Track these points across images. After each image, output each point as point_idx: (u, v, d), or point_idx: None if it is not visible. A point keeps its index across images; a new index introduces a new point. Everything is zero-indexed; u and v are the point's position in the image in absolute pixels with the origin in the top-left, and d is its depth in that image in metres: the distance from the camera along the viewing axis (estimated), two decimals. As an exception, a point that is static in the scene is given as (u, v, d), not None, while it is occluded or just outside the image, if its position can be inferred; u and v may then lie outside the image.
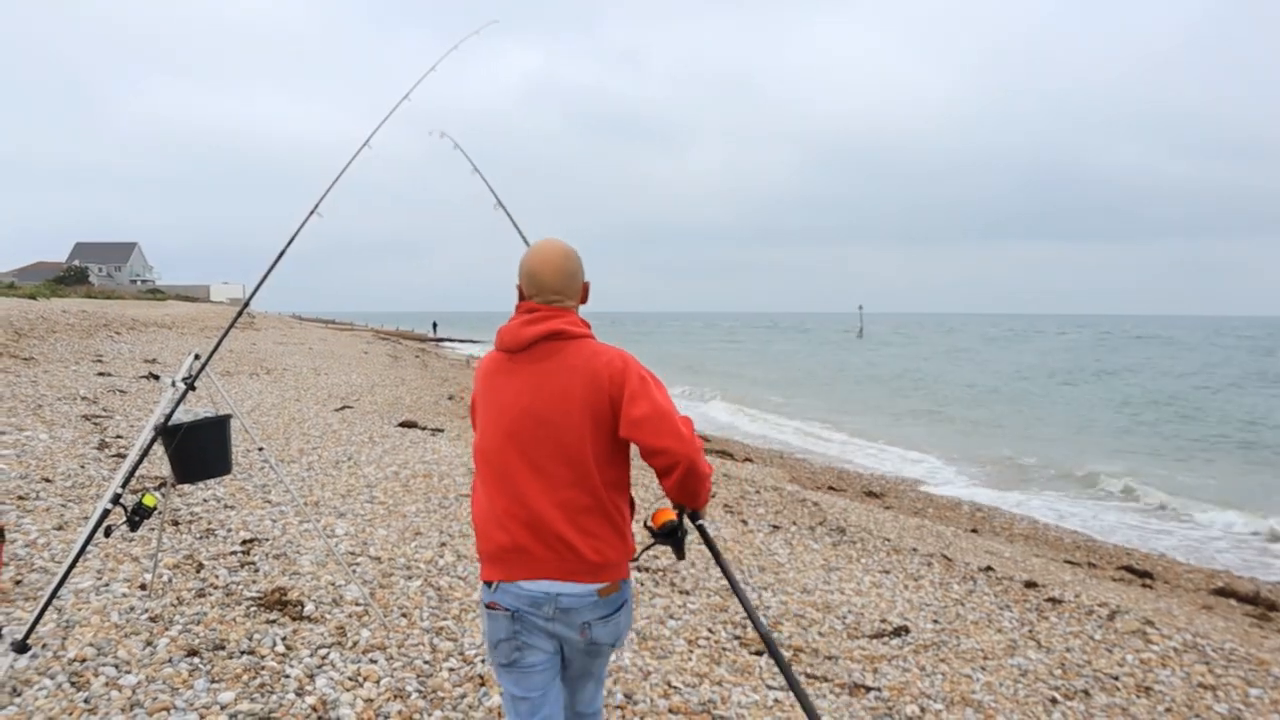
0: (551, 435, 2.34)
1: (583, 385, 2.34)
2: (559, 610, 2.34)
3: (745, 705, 4.07)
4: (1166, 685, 5.03)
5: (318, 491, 7.31)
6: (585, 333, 2.45)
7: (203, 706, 3.36)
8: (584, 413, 2.33)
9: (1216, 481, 16.36)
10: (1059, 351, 67.62)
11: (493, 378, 2.47)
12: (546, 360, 2.38)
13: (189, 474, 4.11)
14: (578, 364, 2.36)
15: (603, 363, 2.35)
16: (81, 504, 5.94)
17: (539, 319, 2.41)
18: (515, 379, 2.41)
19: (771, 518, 9.06)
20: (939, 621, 5.86)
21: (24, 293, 33.15)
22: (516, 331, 2.42)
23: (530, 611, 2.34)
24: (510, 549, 2.35)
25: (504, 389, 2.43)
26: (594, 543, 2.34)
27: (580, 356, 2.37)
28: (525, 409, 2.37)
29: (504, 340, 2.45)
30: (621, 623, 2.44)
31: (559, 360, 2.38)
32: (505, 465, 2.39)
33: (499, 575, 2.37)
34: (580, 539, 2.33)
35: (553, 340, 2.39)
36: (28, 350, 15.08)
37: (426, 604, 4.78)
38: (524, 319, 2.43)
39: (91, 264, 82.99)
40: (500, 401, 2.43)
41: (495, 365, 2.48)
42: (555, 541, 2.32)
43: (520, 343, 2.41)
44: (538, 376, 2.38)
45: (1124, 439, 22.07)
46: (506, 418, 2.40)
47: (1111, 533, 12.34)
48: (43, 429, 8.34)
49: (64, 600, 4.18)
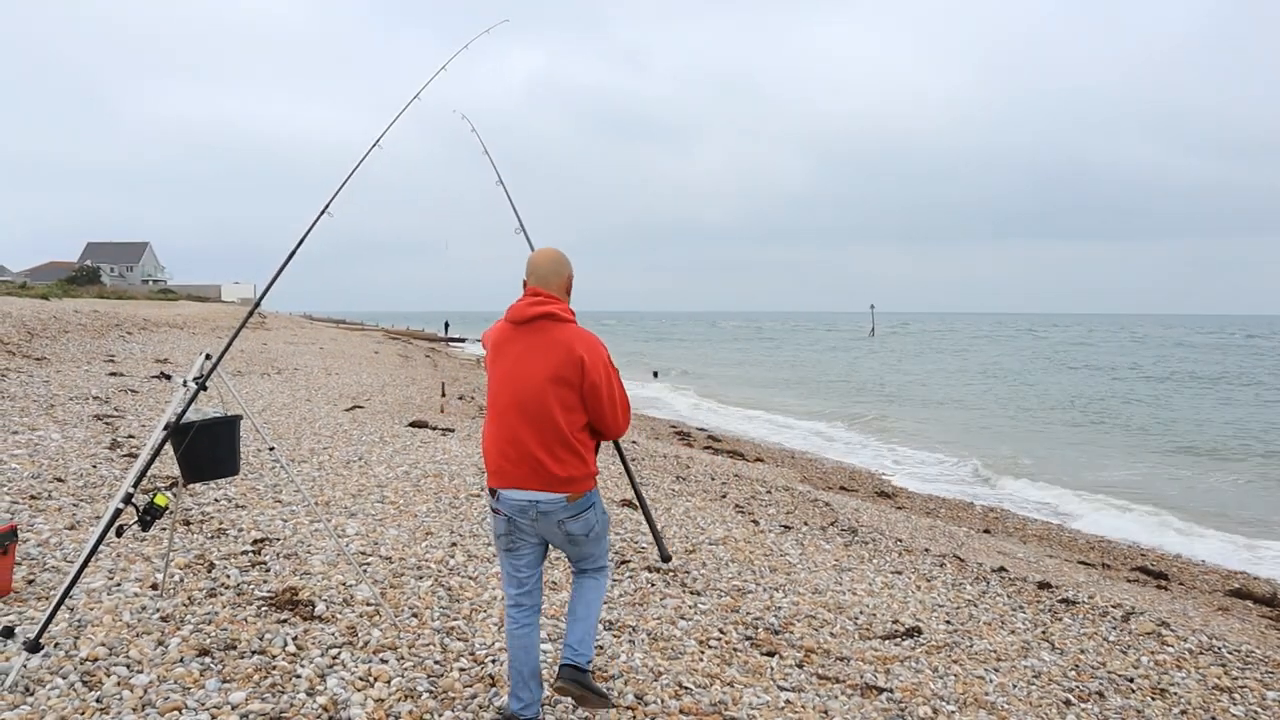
0: (537, 391, 3.22)
1: (564, 356, 3.23)
2: (539, 513, 3.26)
3: (756, 706, 4.04)
4: (1182, 687, 4.99)
5: (328, 491, 7.32)
6: (570, 318, 3.34)
7: (214, 706, 3.36)
8: (561, 375, 3.22)
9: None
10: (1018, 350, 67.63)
11: (500, 343, 3.35)
12: (541, 334, 3.27)
13: (199, 474, 4.11)
14: (562, 340, 3.26)
15: (580, 343, 3.26)
16: (93, 503, 5.96)
17: (540, 302, 3.29)
18: (517, 345, 3.29)
19: (783, 518, 9.03)
20: (952, 622, 5.82)
21: (36, 293, 33.38)
22: (523, 309, 3.29)
23: (519, 516, 3.28)
24: (505, 467, 3.27)
25: (508, 352, 3.31)
26: (563, 465, 3.23)
27: (565, 335, 3.27)
28: (522, 369, 3.25)
29: (512, 314, 3.32)
30: (589, 518, 3.35)
31: (550, 336, 3.26)
32: (505, 408, 3.29)
33: (496, 484, 3.31)
34: (553, 462, 3.22)
35: (548, 320, 3.28)
36: (40, 350, 15.17)
37: (437, 604, 4.78)
38: (529, 301, 3.31)
39: (103, 264, 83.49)
40: (505, 361, 3.30)
41: (503, 333, 3.35)
42: (535, 464, 3.22)
43: (524, 318, 3.28)
44: (533, 345, 3.27)
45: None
46: (507, 374, 3.29)
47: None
48: (55, 429, 8.38)
49: (76, 600, 4.19)
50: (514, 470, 3.25)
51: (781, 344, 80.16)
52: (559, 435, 3.23)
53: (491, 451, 3.33)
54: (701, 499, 9.40)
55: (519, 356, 3.27)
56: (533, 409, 3.22)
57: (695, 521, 8.02)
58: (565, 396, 3.23)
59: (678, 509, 8.54)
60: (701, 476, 10.95)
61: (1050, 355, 60.20)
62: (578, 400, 3.26)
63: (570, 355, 3.22)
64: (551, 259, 3.41)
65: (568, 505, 3.27)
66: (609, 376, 3.30)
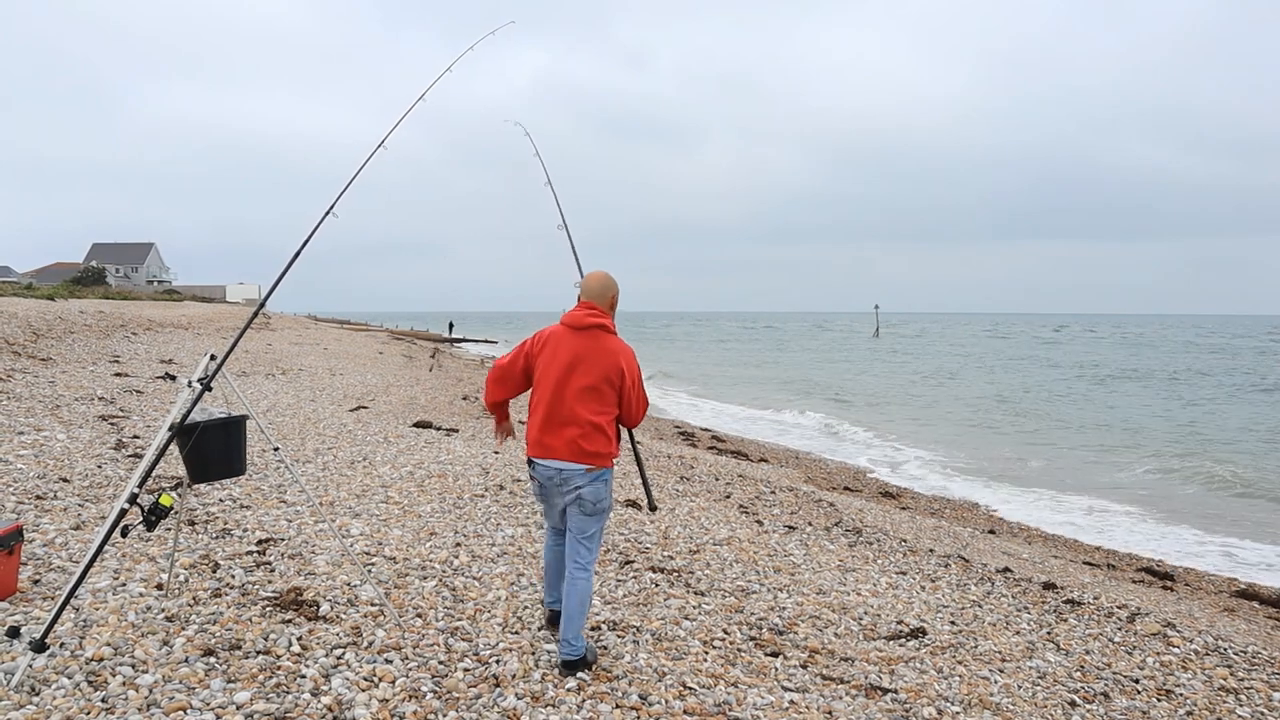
0: (584, 383, 4.02)
1: (610, 363, 4.06)
2: (563, 479, 4.04)
3: (761, 706, 4.04)
4: (1188, 689, 4.97)
5: (333, 492, 7.33)
6: (613, 330, 4.16)
7: (219, 706, 3.36)
8: (604, 375, 4.05)
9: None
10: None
11: (556, 342, 4.10)
12: (593, 341, 4.07)
13: (204, 474, 4.12)
14: (609, 349, 4.08)
15: (622, 355, 4.11)
16: (98, 504, 5.97)
17: (594, 315, 4.11)
18: (571, 346, 4.06)
19: (787, 518, 9.02)
20: (956, 623, 5.81)
21: (42, 293, 33.47)
22: (581, 318, 4.10)
23: (547, 482, 4.10)
24: (545, 441, 4.05)
25: (561, 352, 4.07)
26: (592, 443, 4.01)
27: (612, 345, 4.10)
28: (574, 367, 4.03)
29: (570, 320, 4.11)
30: (600, 490, 4.07)
31: (601, 344, 4.07)
32: (555, 396, 4.03)
33: (535, 455, 4.10)
34: (585, 441, 4.00)
35: (599, 330, 4.10)
36: (45, 351, 15.21)
37: (441, 604, 4.78)
38: (586, 312, 4.11)
39: (108, 264, 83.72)
40: (558, 357, 4.06)
41: (559, 334, 4.12)
42: (571, 441, 4.00)
43: (581, 325, 4.09)
44: (586, 349, 4.06)
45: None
46: (562, 369, 4.04)
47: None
48: (60, 429, 8.40)
49: (81, 600, 4.20)
50: (553, 444, 4.03)
51: (784, 344, 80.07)
52: (594, 422, 4.02)
53: (535, 428, 4.08)
54: (705, 499, 9.40)
55: (572, 356, 4.05)
56: (578, 399, 4.02)
57: (699, 522, 8.02)
58: (605, 393, 4.06)
59: (681, 509, 8.53)
60: (705, 477, 10.94)
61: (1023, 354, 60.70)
62: (614, 397, 4.10)
63: (614, 363, 4.06)
64: (603, 281, 4.23)
65: (586, 474, 4.03)
66: (637, 381, 4.15)
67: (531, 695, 3.81)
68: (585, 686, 3.97)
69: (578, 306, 4.15)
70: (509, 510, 7.30)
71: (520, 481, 8.56)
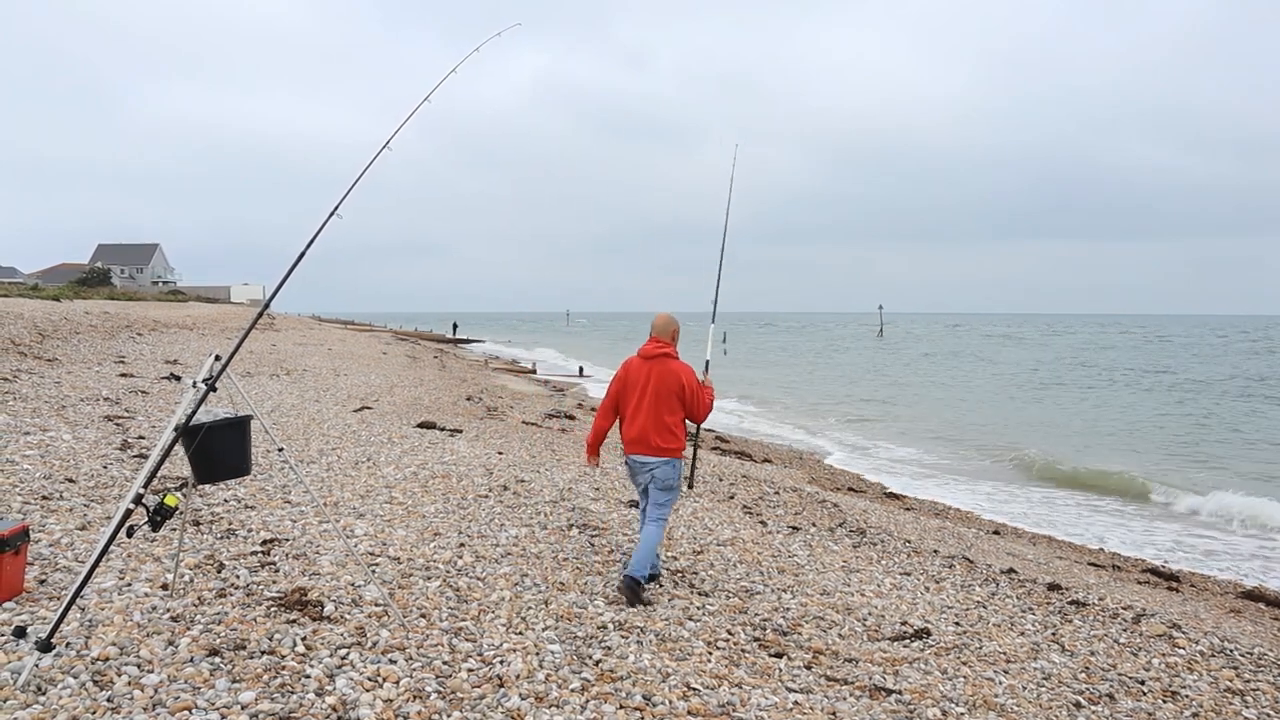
0: (656, 398, 5.52)
1: (675, 380, 5.55)
2: (644, 467, 5.58)
3: (765, 708, 4.04)
4: (1193, 690, 4.96)
5: (337, 492, 7.33)
6: (676, 355, 5.67)
7: (224, 706, 3.37)
8: (671, 391, 5.53)
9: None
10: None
11: (635, 370, 5.65)
12: (661, 366, 5.58)
13: (210, 474, 4.12)
14: (673, 370, 5.58)
15: (683, 373, 5.58)
16: (104, 504, 5.99)
17: (661, 347, 5.64)
18: (645, 371, 5.60)
19: (791, 519, 9.02)
20: (961, 624, 5.80)
21: (47, 294, 33.58)
22: (651, 350, 5.64)
23: (636, 468, 5.65)
24: (633, 441, 5.59)
25: (638, 376, 5.61)
26: (665, 440, 5.52)
27: (675, 367, 5.59)
28: (647, 386, 5.55)
29: (643, 352, 5.67)
30: (670, 473, 5.56)
31: (667, 367, 5.58)
32: (633, 407, 5.58)
33: (630, 452, 5.64)
34: (660, 440, 5.52)
35: (665, 358, 5.61)
36: (51, 351, 15.25)
37: (445, 604, 4.79)
38: (655, 346, 5.65)
39: (114, 265, 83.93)
40: (637, 381, 5.60)
41: (635, 363, 5.69)
42: (651, 440, 5.53)
43: (652, 355, 5.63)
44: (657, 373, 5.57)
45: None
46: (641, 389, 5.57)
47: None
48: (66, 429, 8.42)
49: (87, 599, 4.21)
50: (637, 443, 5.57)
51: (788, 344, 80.00)
52: (666, 423, 5.53)
53: (629, 432, 5.62)
54: (709, 500, 9.39)
55: (647, 379, 5.56)
56: (653, 408, 5.53)
57: (703, 522, 8.02)
58: (673, 403, 5.55)
59: (685, 510, 8.53)
60: (709, 477, 10.94)
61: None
62: (680, 405, 5.57)
63: (677, 379, 5.55)
64: (666, 320, 5.74)
65: (662, 463, 5.55)
66: (697, 390, 5.60)
67: (535, 695, 3.81)
68: (589, 687, 3.98)
69: (648, 341, 5.69)
70: (513, 511, 7.31)
71: (523, 482, 8.57)
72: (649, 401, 5.50)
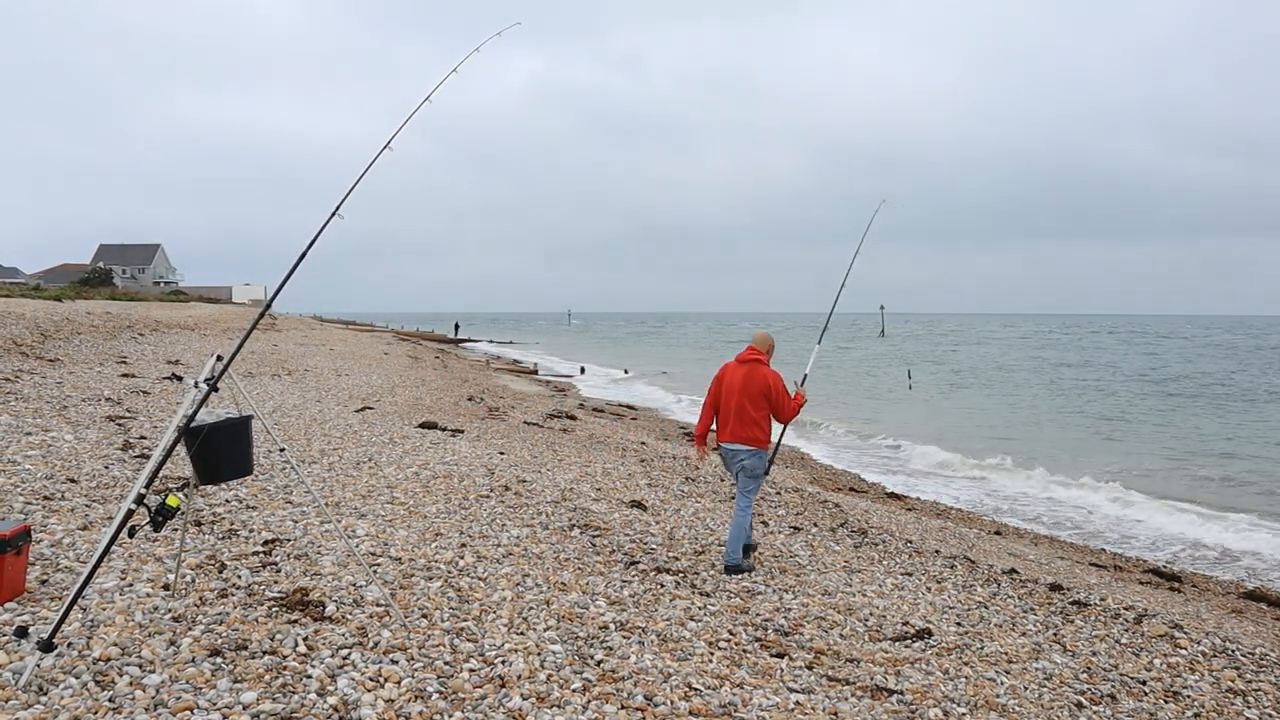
0: (746, 396, 6.43)
1: (763, 383, 6.43)
2: (735, 455, 6.50)
3: (766, 708, 4.04)
4: (1195, 690, 4.96)
5: (338, 492, 7.34)
6: (766, 363, 6.58)
7: (225, 706, 3.37)
8: (758, 391, 6.43)
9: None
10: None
11: (730, 372, 6.59)
12: (753, 370, 6.50)
13: (212, 475, 4.13)
14: (761, 375, 6.47)
15: (770, 378, 6.46)
16: (106, 504, 5.99)
17: (755, 354, 6.59)
18: (739, 374, 6.52)
19: (792, 519, 9.01)
20: (962, 624, 5.80)
21: (49, 295, 33.60)
22: (745, 356, 6.60)
23: (728, 456, 6.57)
24: (726, 430, 6.49)
25: (733, 378, 6.53)
26: (752, 432, 6.44)
27: (764, 373, 6.48)
28: (738, 386, 6.48)
29: (740, 358, 6.62)
30: (756, 462, 6.48)
31: (758, 372, 6.48)
32: (725, 404, 6.52)
33: (721, 440, 6.55)
34: (747, 432, 6.43)
35: (757, 364, 6.53)
36: (53, 352, 15.27)
37: (447, 605, 4.79)
38: (750, 353, 6.61)
39: (115, 266, 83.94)
40: (733, 383, 6.51)
41: (732, 367, 6.62)
42: (742, 430, 6.43)
43: (745, 360, 6.57)
44: (746, 375, 6.49)
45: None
46: (731, 388, 6.50)
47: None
48: (68, 430, 8.43)
49: (89, 600, 4.21)
50: (731, 433, 6.49)
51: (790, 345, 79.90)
52: (754, 418, 6.46)
53: (721, 424, 6.59)
54: (711, 500, 9.39)
55: (740, 380, 6.52)
56: (742, 406, 6.46)
57: (704, 523, 8.02)
58: (759, 402, 6.46)
59: (687, 510, 8.53)
60: (710, 478, 10.93)
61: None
62: (765, 404, 6.47)
63: (764, 383, 6.46)
64: (763, 336, 6.86)
65: (748, 451, 6.50)
66: (781, 393, 6.48)
67: (537, 696, 3.81)
68: (590, 687, 3.98)
69: (746, 350, 6.71)
70: (514, 511, 7.31)
71: (525, 483, 8.58)
72: (738, 399, 6.45)
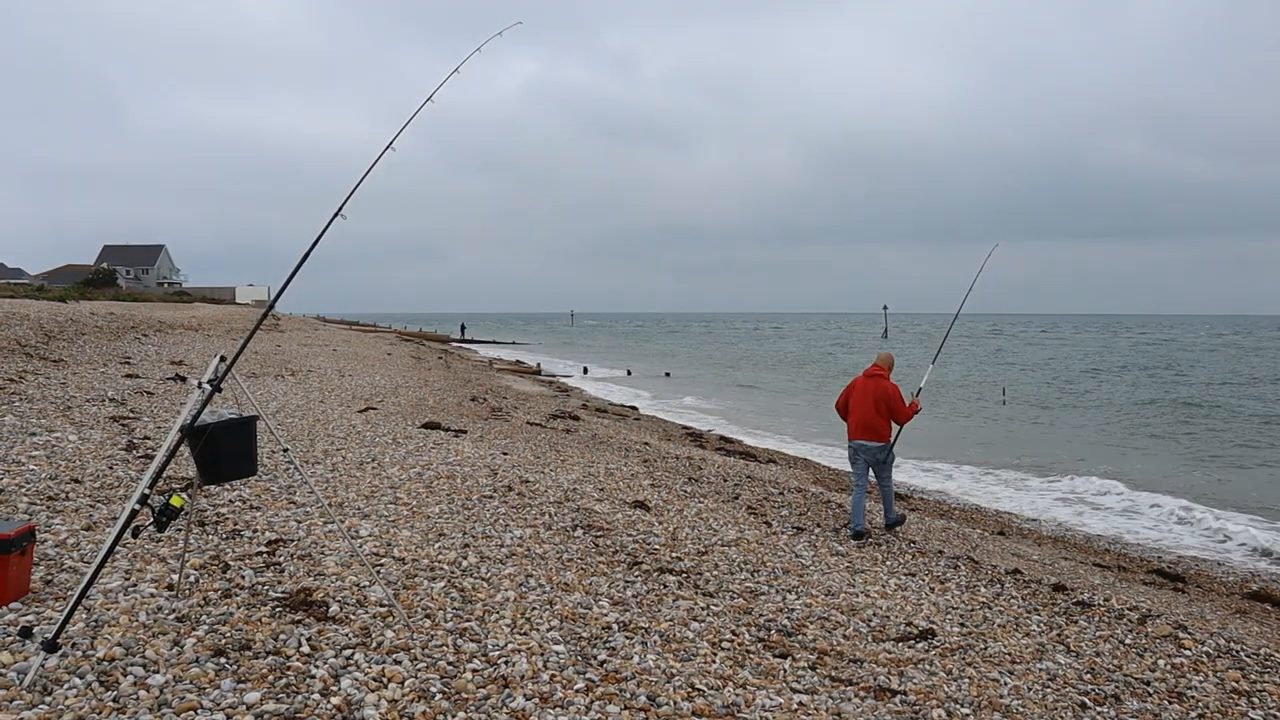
0: (871, 403, 8.69)
1: (883, 394, 8.70)
2: (864, 450, 8.75)
3: (770, 708, 4.03)
4: (1199, 691, 4.95)
5: (342, 493, 7.34)
6: (887, 377, 8.82)
7: (229, 706, 3.37)
8: (881, 398, 8.69)
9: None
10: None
11: (859, 383, 8.87)
12: (876, 383, 8.75)
13: (215, 475, 4.13)
14: (883, 387, 8.72)
15: (891, 389, 8.69)
16: (110, 505, 6.00)
17: (879, 371, 8.85)
18: (866, 386, 8.80)
19: (795, 519, 9.01)
20: (965, 625, 5.79)
21: (53, 295, 33.66)
22: (871, 371, 8.88)
23: (858, 450, 8.78)
24: (856, 430, 8.78)
25: (862, 388, 8.79)
26: (878, 433, 8.69)
27: (885, 385, 8.74)
28: (867, 393, 8.74)
29: (867, 373, 8.88)
30: (880, 453, 8.72)
31: (880, 384, 8.74)
32: (858, 408, 8.75)
33: (852, 437, 8.82)
34: (872, 432, 8.69)
35: (880, 379, 8.78)
36: (57, 352, 15.30)
37: (450, 605, 4.79)
38: (875, 370, 8.87)
39: (119, 266, 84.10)
40: (862, 393, 8.77)
41: (861, 380, 8.88)
42: (869, 429, 8.69)
43: (871, 375, 8.83)
44: (872, 387, 8.76)
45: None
46: (860, 397, 8.79)
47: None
48: (71, 430, 8.45)
49: (93, 600, 4.22)
50: (861, 431, 8.61)
51: (792, 344, 79.92)
52: (876, 422, 8.56)
53: (852, 424, 8.71)
54: (714, 500, 9.39)
55: (865, 391, 8.64)
56: (868, 410, 8.58)
57: (707, 523, 8.02)
58: (881, 408, 8.55)
59: (690, 510, 8.53)
60: (714, 478, 10.93)
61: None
62: (887, 410, 8.55)
63: (886, 393, 8.56)
64: (887, 356, 9.01)
65: (879, 448, 8.62)
66: (898, 400, 8.57)
67: (540, 696, 3.81)
68: (593, 688, 3.98)
69: (871, 365, 8.86)
70: (517, 512, 7.31)
71: (528, 483, 8.58)
72: (864, 405, 8.59)
